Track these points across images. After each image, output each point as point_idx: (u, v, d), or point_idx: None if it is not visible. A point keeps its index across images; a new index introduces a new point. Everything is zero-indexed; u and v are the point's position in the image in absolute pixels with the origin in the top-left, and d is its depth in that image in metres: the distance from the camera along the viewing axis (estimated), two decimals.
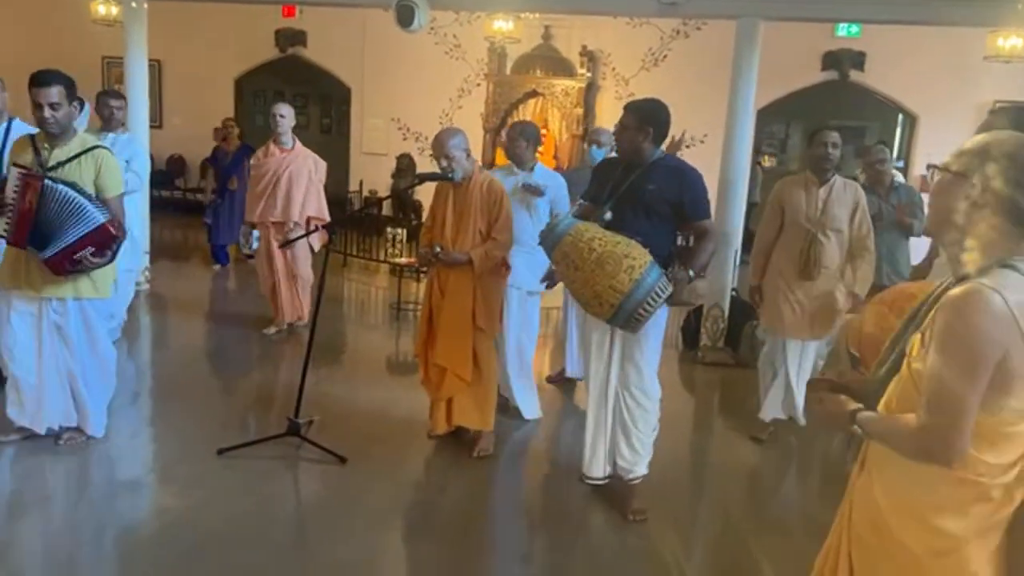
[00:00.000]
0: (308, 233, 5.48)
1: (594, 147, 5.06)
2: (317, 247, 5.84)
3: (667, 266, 3.25)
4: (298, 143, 5.73)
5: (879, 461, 1.69)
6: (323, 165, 5.84)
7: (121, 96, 5.31)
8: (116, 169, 3.60)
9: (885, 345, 1.79)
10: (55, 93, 3.37)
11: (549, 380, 5.27)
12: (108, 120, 5.10)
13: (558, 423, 4.74)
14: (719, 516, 3.73)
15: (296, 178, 5.60)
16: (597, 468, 3.56)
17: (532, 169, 4.48)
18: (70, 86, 3.44)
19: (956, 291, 1.50)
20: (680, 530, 3.45)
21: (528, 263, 4.30)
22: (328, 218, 5.74)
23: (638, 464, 3.47)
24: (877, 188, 4.86)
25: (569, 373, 5.22)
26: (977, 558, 1.57)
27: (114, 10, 8.92)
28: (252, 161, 5.81)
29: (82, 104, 3.66)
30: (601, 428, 3.51)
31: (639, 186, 3.30)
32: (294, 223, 5.60)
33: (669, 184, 3.29)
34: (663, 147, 3.43)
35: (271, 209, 5.61)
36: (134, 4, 6.92)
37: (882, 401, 1.71)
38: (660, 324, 3.38)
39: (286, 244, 5.44)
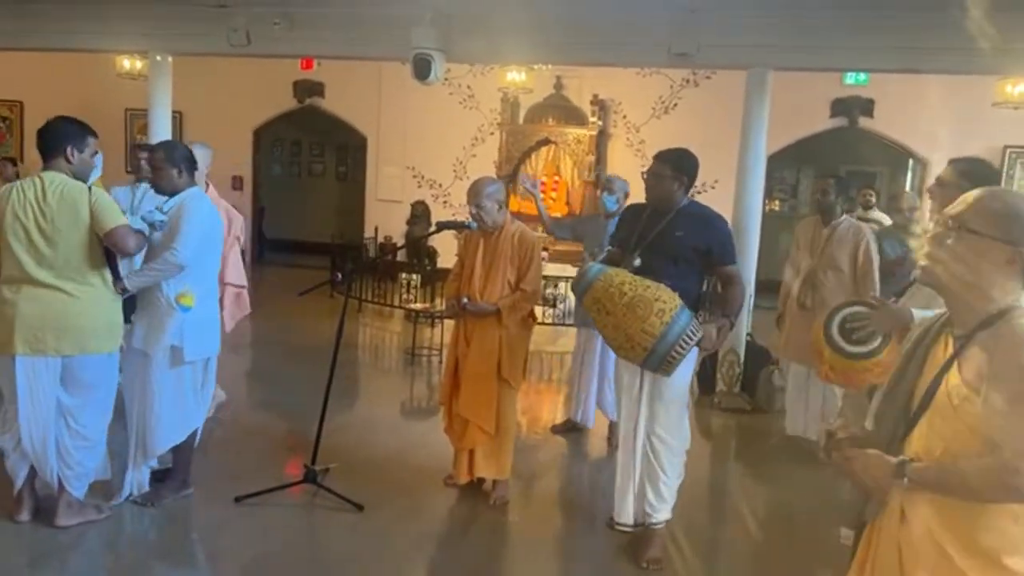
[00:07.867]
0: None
1: (605, 194, 5.10)
2: (229, 326, 4.73)
3: (696, 309, 3.34)
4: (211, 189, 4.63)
5: (937, 510, 1.63)
6: (239, 220, 4.83)
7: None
8: None
9: (884, 385, 1.78)
10: None
11: (554, 430, 5.20)
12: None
13: (571, 470, 4.72)
14: (738, 563, 3.68)
15: None
16: (627, 514, 3.54)
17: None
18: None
19: (1017, 326, 1.52)
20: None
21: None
22: (245, 283, 4.96)
23: (663, 509, 3.45)
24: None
25: (579, 420, 5.14)
26: None
27: (139, 64, 9.22)
28: None
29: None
30: (629, 472, 3.50)
31: (667, 233, 3.41)
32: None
33: (696, 231, 3.40)
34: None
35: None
36: (159, 58, 7.15)
37: (918, 445, 1.66)
38: (688, 364, 3.36)
39: None
